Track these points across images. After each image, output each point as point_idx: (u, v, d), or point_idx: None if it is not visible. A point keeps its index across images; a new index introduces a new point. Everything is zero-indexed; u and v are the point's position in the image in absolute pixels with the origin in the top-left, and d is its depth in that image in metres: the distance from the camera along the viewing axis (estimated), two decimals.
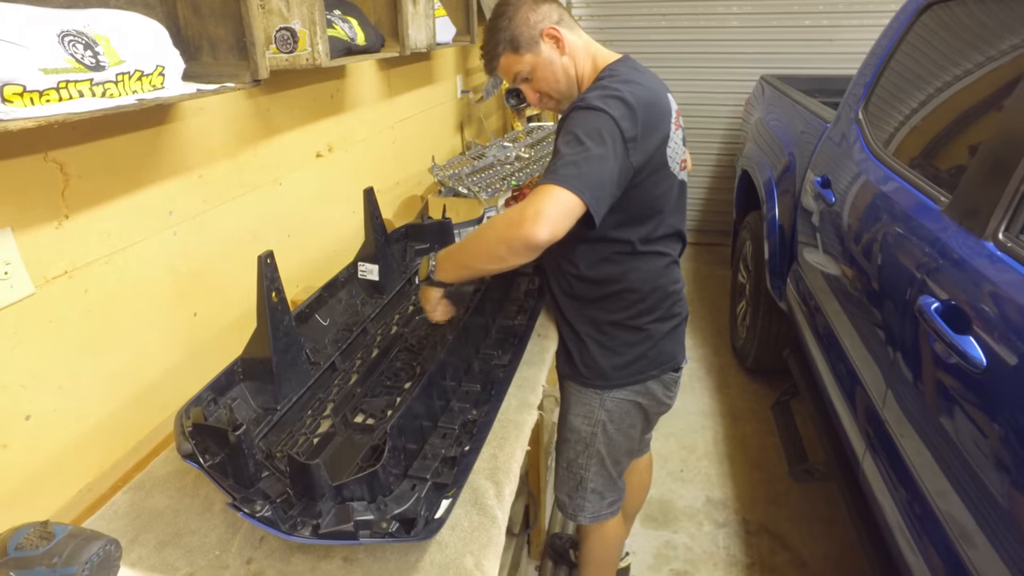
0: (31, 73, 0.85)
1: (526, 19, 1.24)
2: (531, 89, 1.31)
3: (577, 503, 1.51)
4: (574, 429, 1.44)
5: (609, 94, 1.12)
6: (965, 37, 1.65)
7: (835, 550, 2.14)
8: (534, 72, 1.27)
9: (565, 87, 1.29)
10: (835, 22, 3.98)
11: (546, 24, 1.25)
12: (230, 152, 1.47)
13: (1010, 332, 1.04)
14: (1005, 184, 1.17)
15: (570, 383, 1.43)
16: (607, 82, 1.17)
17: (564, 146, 1.10)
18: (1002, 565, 0.99)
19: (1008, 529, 0.99)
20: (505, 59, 1.27)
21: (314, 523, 0.85)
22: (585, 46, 1.29)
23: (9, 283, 0.97)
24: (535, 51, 1.25)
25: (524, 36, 1.24)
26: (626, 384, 1.37)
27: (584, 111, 1.11)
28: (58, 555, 0.60)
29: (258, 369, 1.11)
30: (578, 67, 1.27)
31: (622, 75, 1.20)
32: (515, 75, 1.29)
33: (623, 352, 1.34)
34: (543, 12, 1.25)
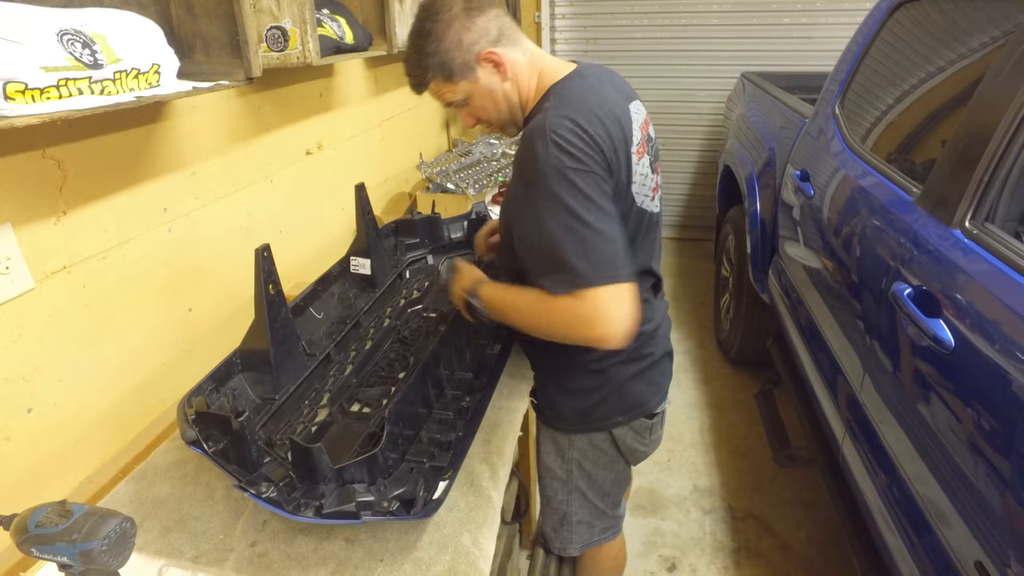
0: (32, 71, 0.87)
1: (458, 41, 1.02)
2: (468, 114, 1.13)
3: (564, 536, 1.42)
4: (547, 467, 1.36)
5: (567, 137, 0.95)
6: (935, 35, 1.71)
7: (818, 534, 2.20)
8: (471, 100, 1.08)
9: (507, 114, 1.11)
10: (813, 20, 4.06)
11: (483, 46, 1.03)
12: (222, 149, 1.49)
13: (975, 314, 1.10)
14: (970, 175, 1.22)
15: (540, 422, 1.35)
16: (551, 112, 0.98)
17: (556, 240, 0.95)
18: (971, 538, 1.05)
19: (976, 503, 1.04)
20: (435, 86, 1.08)
21: (317, 504, 0.88)
22: (530, 63, 1.09)
23: (10, 278, 0.98)
24: (471, 78, 1.05)
25: (457, 62, 1.03)
26: (589, 430, 1.26)
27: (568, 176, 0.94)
28: (77, 532, 0.63)
29: (256, 360, 1.13)
30: (522, 91, 1.09)
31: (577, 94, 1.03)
32: (445, 102, 1.11)
33: (582, 397, 1.21)
34: (478, 30, 1.03)
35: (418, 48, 1.05)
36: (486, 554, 0.91)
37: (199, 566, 0.89)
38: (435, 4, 1.03)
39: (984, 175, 1.20)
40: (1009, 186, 1.19)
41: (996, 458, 1.00)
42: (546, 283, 0.98)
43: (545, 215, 0.95)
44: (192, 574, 0.89)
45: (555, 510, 1.41)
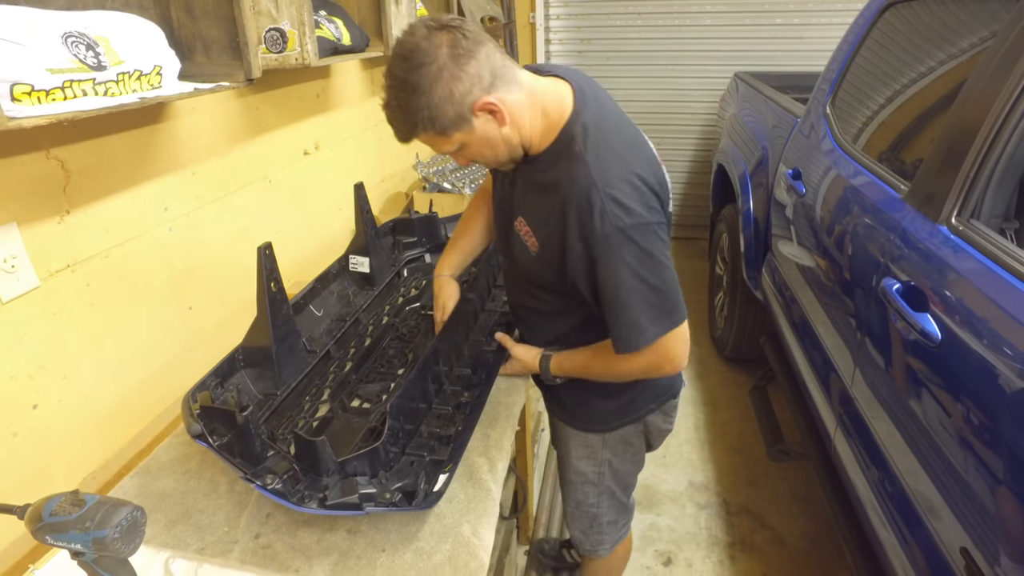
0: (38, 73, 0.89)
1: (449, 95, 0.92)
2: (463, 157, 1.06)
3: (595, 538, 1.45)
4: (579, 472, 1.38)
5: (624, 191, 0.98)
6: (923, 35, 1.74)
7: (812, 527, 2.23)
8: (466, 148, 1.01)
9: (506, 156, 1.05)
10: (805, 20, 4.09)
11: (476, 95, 0.94)
12: (222, 150, 1.51)
13: (961, 308, 1.13)
14: (956, 173, 1.25)
15: (566, 427, 1.36)
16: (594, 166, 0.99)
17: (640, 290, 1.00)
18: (957, 525, 1.07)
19: (961, 491, 1.07)
20: (425, 137, 0.98)
21: (320, 496, 0.90)
22: (530, 99, 1.01)
23: (16, 276, 1.00)
24: (465, 129, 0.97)
25: (449, 116, 0.94)
26: (625, 424, 1.31)
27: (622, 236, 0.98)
28: (90, 519, 0.65)
29: (258, 356, 1.15)
30: (523, 131, 1.02)
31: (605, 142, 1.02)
32: (440, 152, 1.05)
33: (619, 395, 1.26)
34: (469, 78, 0.92)
35: (403, 103, 0.93)
36: (486, 544, 0.93)
37: (205, 557, 0.91)
38: (417, 53, 0.91)
39: (969, 173, 1.23)
40: (993, 183, 1.22)
41: (980, 447, 1.03)
42: (617, 343, 1.05)
43: (612, 277, 1.00)
44: (198, 565, 0.91)
45: (585, 513, 1.43)
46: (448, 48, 0.91)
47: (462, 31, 0.92)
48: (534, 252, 1.10)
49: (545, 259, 1.09)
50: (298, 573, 0.88)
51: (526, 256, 1.12)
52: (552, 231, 1.05)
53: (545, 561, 2.03)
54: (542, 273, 1.12)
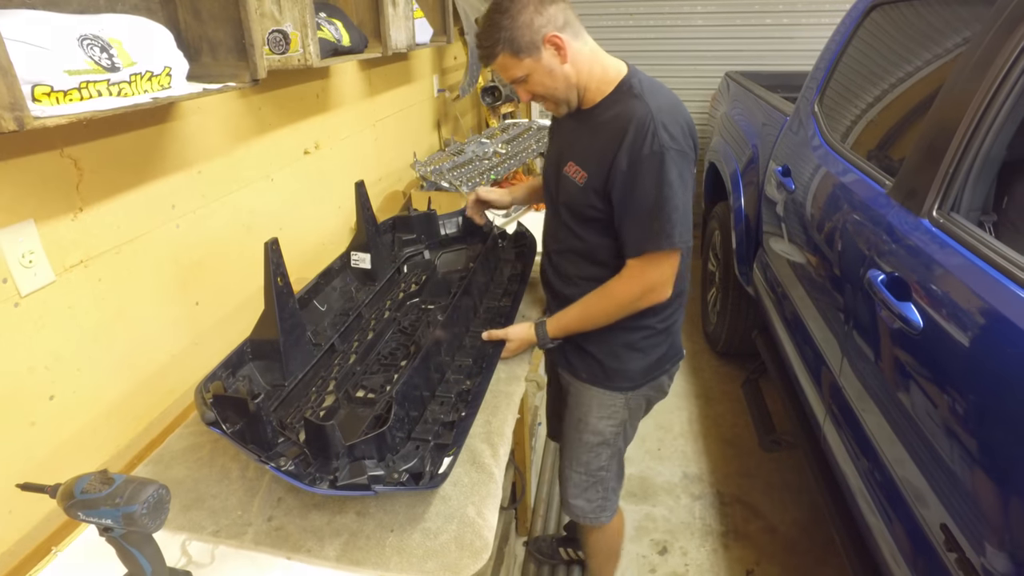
0: (57, 74, 0.93)
1: (529, 22, 1.17)
2: (526, 90, 1.27)
3: (599, 505, 1.52)
4: (598, 431, 1.44)
5: (673, 126, 1.18)
6: (907, 36, 1.80)
7: (803, 515, 2.28)
8: (531, 77, 1.22)
9: (563, 94, 1.25)
10: (795, 20, 4.16)
11: (549, 29, 1.18)
12: (226, 149, 1.54)
13: (941, 296, 1.18)
14: (937, 168, 1.30)
15: (591, 388, 1.42)
16: (652, 103, 1.18)
17: (664, 200, 1.17)
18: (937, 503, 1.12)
19: (940, 471, 1.12)
20: (503, 59, 1.21)
21: (331, 478, 0.94)
22: (592, 54, 1.25)
23: (33, 271, 1.04)
24: (535, 56, 1.19)
25: (524, 39, 1.17)
26: (649, 382, 1.42)
27: (666, 155, 1.16)
28: (120, 496, 0.69)
29: (266, 349, 1.19)
30: (580, 76, 1.23)
31: (658, 92, 1.24)
32: (510, 77, 1.25)
33: (650, 352, 1.39)
34: (548, 15, 1.18)
35: (494, 22, 1.18)
36: (490, 524, 0.97)
37: (220, 539, 0.95)
38: None
39: (949, 168, 1.28)
40: (972, 179, 1.27)
41: (957, 429, 1.08)
42: (643, 241, 1.21)
43: (652, 188, 1.17)
44: (214, 546, 0.95)
45: (593, 476, 1.49)
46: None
47: None
48: (581, 183, 1.27)
49: (590, 185, 1.25)
50: (311, 552, 0.92)
51: (573, 189, 1.29)
52: (603, 156, 1.22)
53: (542, 559, 2.07)
54: (584, 199, 1.27)
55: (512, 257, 1.74)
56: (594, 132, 1.26)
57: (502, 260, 1.73)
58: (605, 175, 1.22)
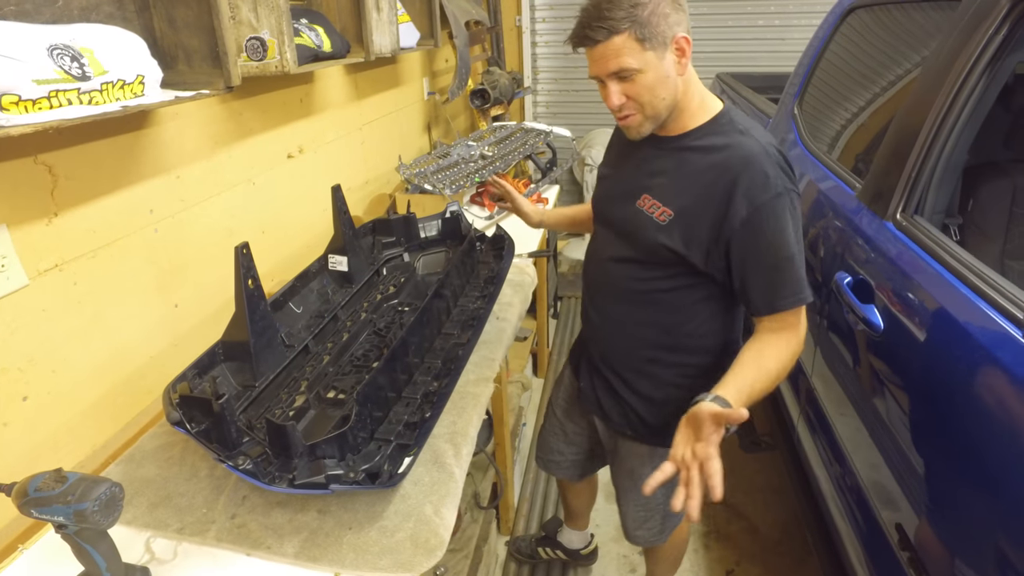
0: (25, 84, 0.95)
1: (666, 13, 1.01)
2: (621, 91, 1.07)
3: (658, 529, 1.48)
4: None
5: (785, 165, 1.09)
6: (882, 40, 1.82)
7: (784, 516, 2.30)
8: (642, 75, 1.03)
9: (663, 105, 1.08)
10: (786, 22, 4.17)
11: (680, 31, 1.04)
12: (206, 154, 1.57)
13: (900, 299, 1.20)
14: (901, 172, 1.32)
15: (639, 444, 1.36)
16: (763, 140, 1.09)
17: (791, 252, 1.06)
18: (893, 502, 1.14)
19: (898, 470, 1.14)
20: (622, 40, 1.01)
21: (290, 476, 0.96)
22: (693, 76, 1.13)
23: (6, 275, 1.06)
24: (659, 52, 1.02)
25: (659, 29, 1.01)
26: None
27: (787, 199, 1.06)
28: (72, 494, 0.71)
29: (237, 350, 1.21)
30: (683, 95, 1.10)
31: (760, 129, 1.13)
32: (618, 66, 1.03)
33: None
34: (681, 17, 1.05)
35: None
36: (446, 523, 1.00)
37: (183, 536, 0.98)
38: None
39: (912, 173, 1.30)
40: (935, 183, 1.29)
41: (912, 431, 1.10)
42: (782, 298, 1.07)
43: (780, 236, 1.05)
44: (177, 543, 0.97)
45: (654, 511, 1.45)
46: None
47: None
48: (664, 221, 1.13)
49: (675, 224, 1.12)
50: (270, 549, 0.95)
51: (652, 227, 1.14)
52: (706, 197, 1.09)
53: (522, 558, 2.09)
54: (665, 241, 1.13)
55: (490, 259, 1.77)
56: (686, 165, 1.12)
57: (479, 263, 1.75)
58: (711, 221, 1.08)
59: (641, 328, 1.25)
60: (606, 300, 1.31)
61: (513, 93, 3.55)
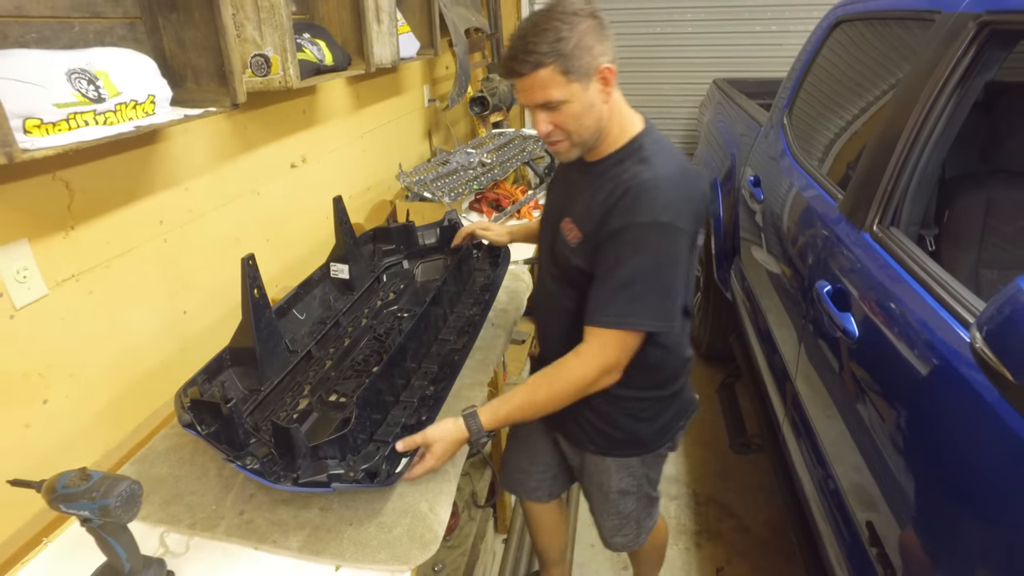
0: (47, 108, 1.02)
1: (590, 46, 1.03)
2: (549, 120, 1.10)
3: (634, 535, 1.50)
4: (622, 490, 1.41)
5: (676, 199, 1.08)
6: (866, 54, 1.87)
7: (774, 516, 2.35)
8: (568, 105, 1.07)
9: (589, 135, 1.13)
10: (783, 27, 4.22)
11: (605, 61, 1.06)
12: (212, 166, 1.63)
13: (874, 307, 1.26)
14: (877, 185, 1.38)
15: (604, 458, 1.38)
16: (659, 171, 1.09)
17: (639, 276, 1.07)
18: (863, 501, 1.20)
19: (870, 472, 1.20)
20: (547, 73, 1.04)
21: (294, 476, 1.03)
22: (619, 102, 1.15)
23: (27, 286, 1.13)
24: (584, 83, 1.06)
25: (582, 61, 1.03)
26: (665, 443, 1.38)
27: (658, 230, 1.06)
28: (96, 491, 0.78)
29: (244, 356, 1.28)
30: (609, 120, 1.14)
31: (669, 159, 1.13)
32: (544, 97, 1.07)
33: (657, 418, 1.33)
34: (606, 47, 1.07)
35: (553, 29, 1.02)
36: (441, 519, 1.06)
37: (195, 531, 1.04)
38: (572, 8, 1.04)
39: (887, 185, 1.36)
40: (910, 195, 1.35)
41: (886, 432, 1.16)
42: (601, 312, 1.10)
43: (634, 256, 1.07)
44: (189, 538, 1.04)
45: (627, 520, 1.47)
46: (597, 20, 1.06)
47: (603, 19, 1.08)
48: (574, 244, 1.18)
49: (581, 246, 1.17)
50: (275, 543, 1.01)
51: (566, 250, 1.20)
52: (598, 214, 1.13)
53: None
54: (576, 262, 1.18)
55: (486, 267, 1.83)
56: (594, 190, 1.16)
57: (476, 270, 1.81)
58: (595, 237, 1.13)
59: (571, 345, 1.21)
60: (549, 319, 1.35)
61: (512, 99, 3.62)
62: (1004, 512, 0.83)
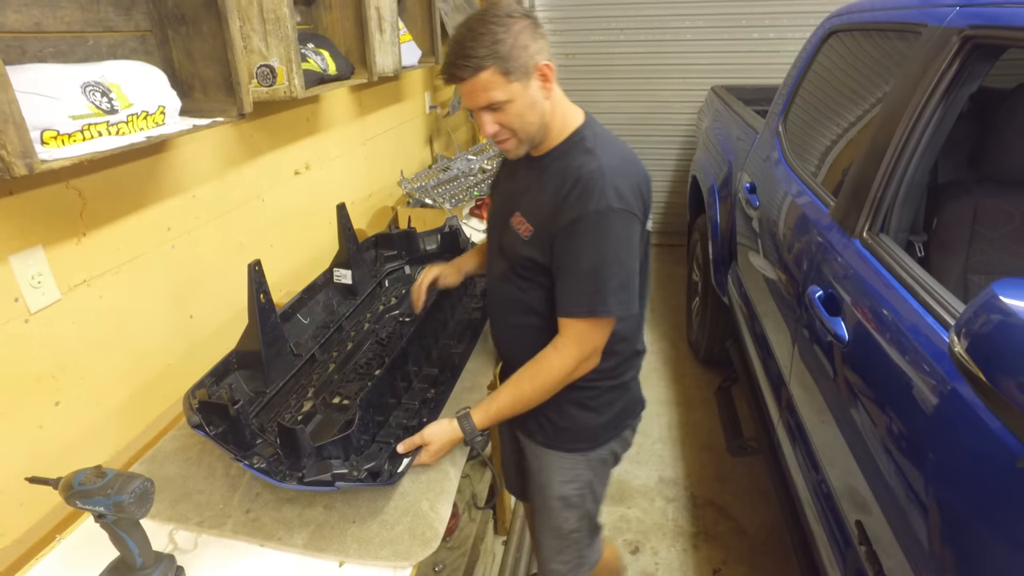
0: (63, 120, 1.06)
1: (526, 45, 1.07)
2: (494, 121, 1.13)
3: (575, 565, 1.47)
4: (563, 497, 1.38)
5: (623, 186, 1.11)
6: (859, 63, 1.91)
7: (771, 518, 2.38)
8: (511, 104, 1.10)
9: (535, 131, 1.16)
10: (780, 35, 4.27)
11: (542, 59, 1.10)
12: (218, 173, 1.67)
13: (863, 312, 1.29)
14: (867, 193, 1.42)
15: (549, 451, 1.36)
16: (603, 160, 1.12)
17: (603, 263, 1.10)
18: (853, 501, 1.23)
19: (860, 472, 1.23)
20: (487, 76, 1.07)
21: (299, 475, 1.06)
22: (560, 98, 1.19)
23: (42, 291, 1.17)
24: (524, 82, 1.09)
25: (520, 61, 1.07)
26: (609, 441, 1.35)
27: (612, 216, 1.10)
28: (111, 487, 0.81)
29: (250, 359, 1.32)
30: (552, 116, 1.17)
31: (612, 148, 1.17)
32: (487, 100, 1.10)
33: (603, 411, 1.32)
34: (541, 45, 1.11)
35: (488, 31, 1.05)
36: (441, 517, 1.09)
37: (203, 529, 1.08)
38: (506, 10, 1.08)
39: (876, 193, 1.39)
40: (899, 202, 1.38)
41: (874, 434, 1.19)
42: (575, 303, 1.13)
43: (596, 247, 1.10)
44: (197, 535, 1.07)
45: (564, 539, 1.44)
46: (531, 20, 1.11)
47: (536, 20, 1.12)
48: (527, 237, 1.19)
49: (534, 239, 1.18)
50: (281, 541, 1.05)
51: (518, 244, 1.21)
52: (549, 210, 1.15)
53: None
54: (529, 254, 1.20)
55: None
56: (542, 183, 1.19)
57: (477, 275, 1.85)
58: (548, 225, 1.15)
59: (530, 336, 1.26)
60: (499, 312, 1.36)
61: None
62: (986, 510, 0.87)
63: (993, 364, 0.75)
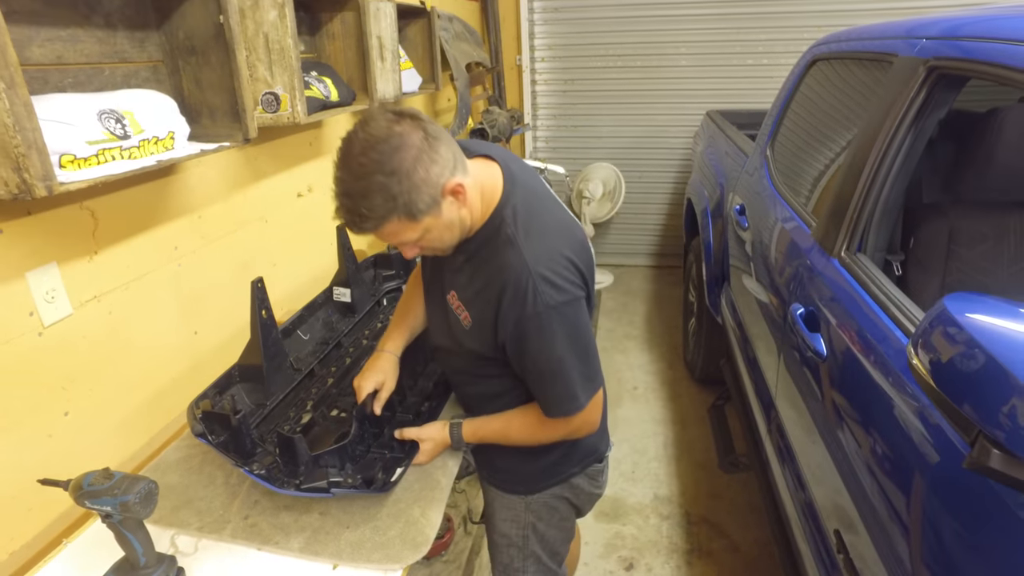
0: (79, 145, 1.13)
1: (425, 179, 0.94)
2: (415, 247, 1.06)
3: None
4: (503, 534, 1.38)
5: (554, 271, 1.05)
6: (839, 90, 1.99)
7: (764, 535, 2.40)
8: (428, 234, 1.02)
9: (457, 239, 1.08)
10: (774, 61, 4.37)
11: (446, 178, 0.97)
12: (224, 195, 1.75)
13: (840, 328, 1.34)
14: (844, 214, 1.48)
15: (491, 488, 1.37)
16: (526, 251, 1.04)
17: (559, 362, 1.07)
18: (832, 512, 1.27)
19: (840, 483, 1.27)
20: (394, 225, 0.97)
21: (296, 481, 1.11)
22: (475, 181, 1.06)
23: (55, 306, 1.23)
24: (435, 213, 0.99)
25: (424, 200, 0.95)
26: (550, 486, 1.31)
27: (552, 313, 1.04)
28: (118, 488, 0.87)
29: (251, 373, 1.37)
30: (474, 213, 1.07)
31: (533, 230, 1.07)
32: (399, 241, 1.03)
33: (543, 456, 1.27)
34: (442, 160, 0.96)
35: (380, 187, 0.92)
36: (432, 523, 1.14)
37: (203, 533, 1.12)
38: (392, 139, 0.93)
39: (853, 214, 1.46)
40: (875, 223, 1.44)
41: (854, 449, 1.24)
42: (550, 410, 1.13)
43: (545, 351, 1.06)
44: (198, 540, 1.12)
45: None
46: (422, 132, 0.95)
47: (422, 118, 0.97)
48: (467, 326, 1.14)
49: (477, 333, 1.14)
50: (278, 545, 1.09)
51: (460, 330, 1.16)
52: (483, 309, 1.10)
53: None
54: (475, 346, 1.16)
55: None
56: (472, 271, 1.13)
57: None
58: (491, 330, 1.11)
59: (475, 398, 1.30)
60: (459, 386, 1.35)
61: (512, 130, 3.75)
62: (955, 517, 0.91)
63: (941, 372, 0.80)
